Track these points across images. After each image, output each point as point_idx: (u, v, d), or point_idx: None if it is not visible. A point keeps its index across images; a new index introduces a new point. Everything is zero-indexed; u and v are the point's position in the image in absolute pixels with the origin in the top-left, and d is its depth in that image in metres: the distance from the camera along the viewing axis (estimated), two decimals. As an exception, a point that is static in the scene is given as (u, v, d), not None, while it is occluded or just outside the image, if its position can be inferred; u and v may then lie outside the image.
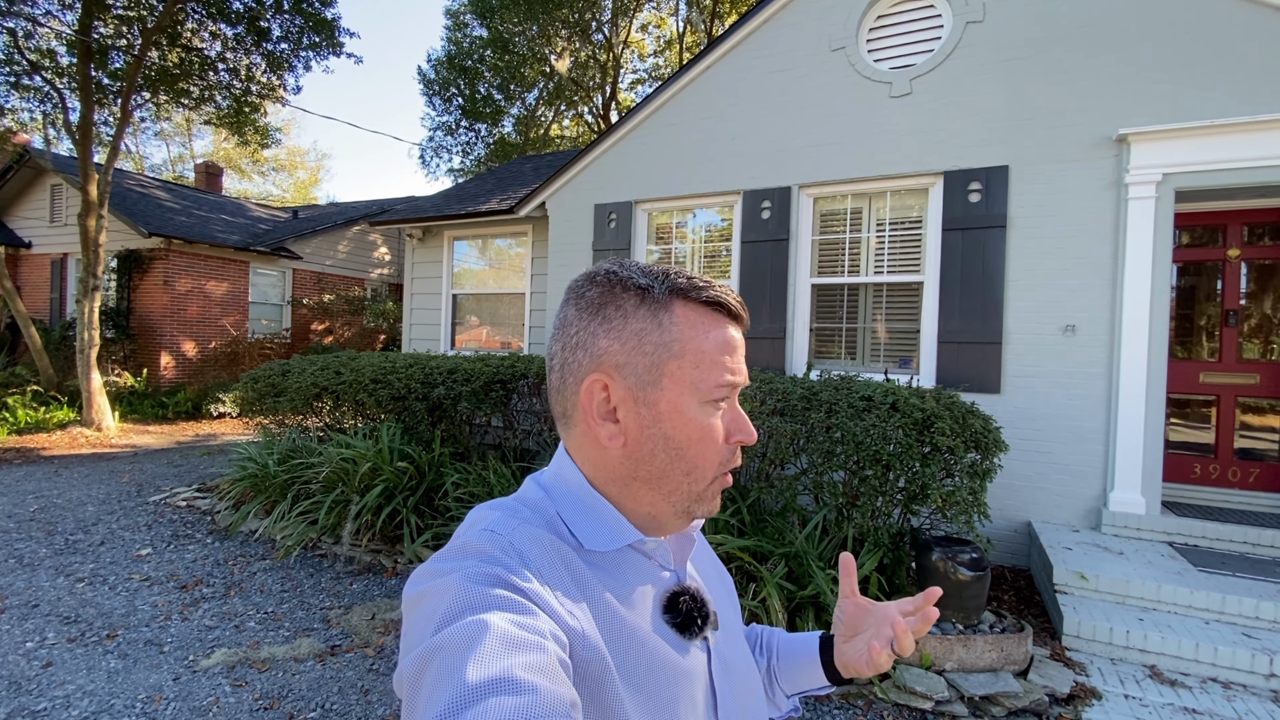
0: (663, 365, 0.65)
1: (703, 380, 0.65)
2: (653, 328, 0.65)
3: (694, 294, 0.67)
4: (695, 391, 0.65)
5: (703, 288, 0.67)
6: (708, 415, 0.66)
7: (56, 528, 5.13)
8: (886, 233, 5.29)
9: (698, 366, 0.65)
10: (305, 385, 5.78)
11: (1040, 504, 4.58)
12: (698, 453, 0.66)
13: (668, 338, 0.65)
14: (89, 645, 3.32)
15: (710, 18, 19.40)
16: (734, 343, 0.68)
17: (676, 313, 0.66)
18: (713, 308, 0.67)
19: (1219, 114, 4.17)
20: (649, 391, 0.65)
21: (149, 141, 32.30)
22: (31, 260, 13.78)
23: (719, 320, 0.68)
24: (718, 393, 0.66)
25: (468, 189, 9.75)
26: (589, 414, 0.66)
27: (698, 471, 0.66)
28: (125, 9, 9.47)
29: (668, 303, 0.66)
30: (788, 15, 5.59)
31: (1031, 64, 4.70)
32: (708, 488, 0.68)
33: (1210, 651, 3.10)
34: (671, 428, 0.65)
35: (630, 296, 0.66)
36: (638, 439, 0.66)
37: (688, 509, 0.68)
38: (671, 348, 0.65)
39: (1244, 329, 4.95)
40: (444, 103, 21.63)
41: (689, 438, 0.65)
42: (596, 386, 0.66)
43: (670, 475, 0.66)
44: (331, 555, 4.64)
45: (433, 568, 0.59)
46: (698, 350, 0.65)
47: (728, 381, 0.66)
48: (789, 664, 0.92)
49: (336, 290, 14.28)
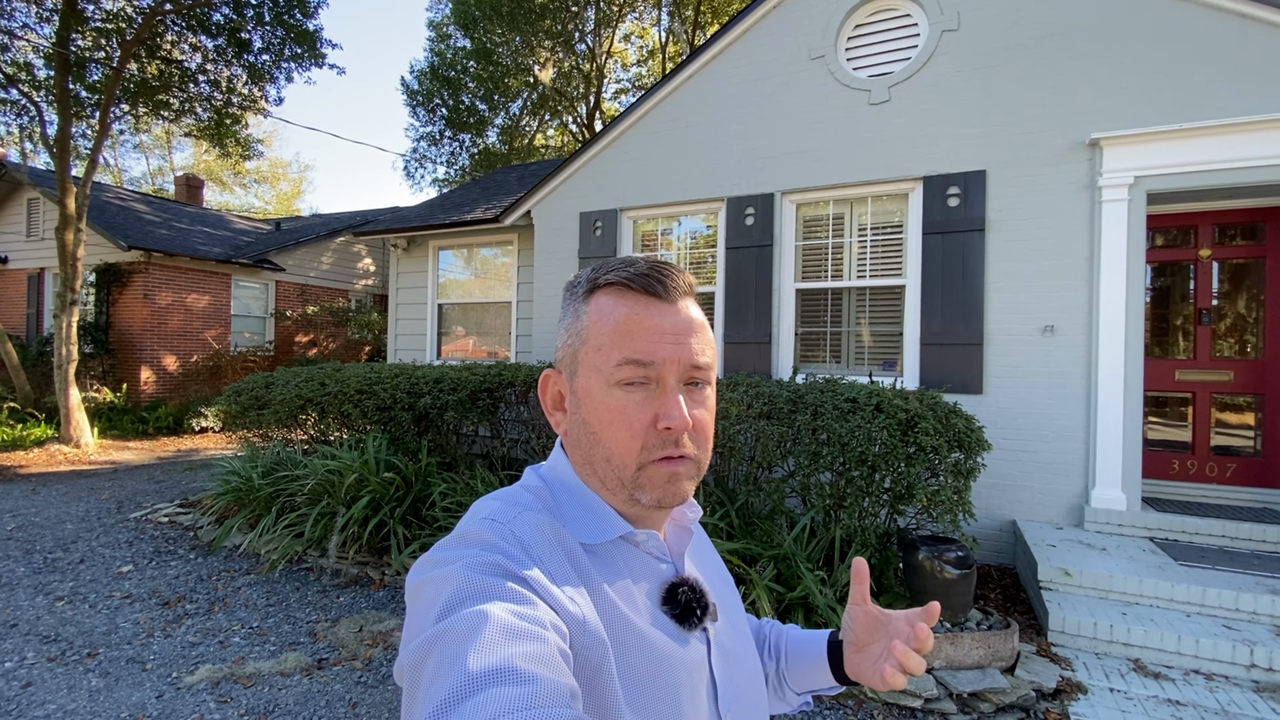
0: (577, 354, 0.68)
1: (602, 362, 0.65)
2: (573, 320, 0.70)
3: (604, 280, 0.68)
4: (598, 374, 0.66)
5: (614, 269, 0.68)
6: (614, 398, 0.64)
7: (35, 546, 5.03)
8: (869, 237, 5.36)
9: (599, 349, 0.66)
10: (290, 398, 5.72)
11: (1024, 502, 4.64)
12: (610, 436, 0.65)
13: (580, 326, 0.69)
14: (69, 664, 3.26)
15: (692, 28, 19.59)
16: (643, 321, 0.65)
17: (591, 302, 0.69)
18: (623, 289, 0.67)
19: (1188, 118, 4.28)
20: (574, 380, 0.69)
21: (128, 154, 32.01)
22: (8, 275, 13.55)
23: (629, 301, 0.66)
24: (618, 374, 0.64)
25: (452, 199, 9.74)
26: (545, 405, 0.73)
27: (616, 456, 0.65)
28: (103, 21, 9.40)
29: (587, 294, 0.70)
30: (768, 24, 5.67)
31: (1006, 71, 4.80)
32: (638, 473, 0.65)
33: (1192, 644, 3.15)
34: (588, 413, 0.67)
35: (569, 295, 0.72)
36: (570, 425, 0.70)
37: (630, 496, 0.66)
38: (581, 334, 0.68)
39: (1218, 327, 5.06)
40: (428, 113, 21.62)
41: (600, 421, 0.65)
42: (548, 381, 0.73)
43: (595, 460, 0.67)
44: (318, 568, 4.59)
45: (435, 556, 0.60)
46: (599, 333, 0.66)
47: (627, 359, 0.64)
48: (798, 665, 0.90)
49: (320, 302, 14.17)
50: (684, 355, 0.65)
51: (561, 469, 0.72)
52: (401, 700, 0.53)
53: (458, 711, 0.44)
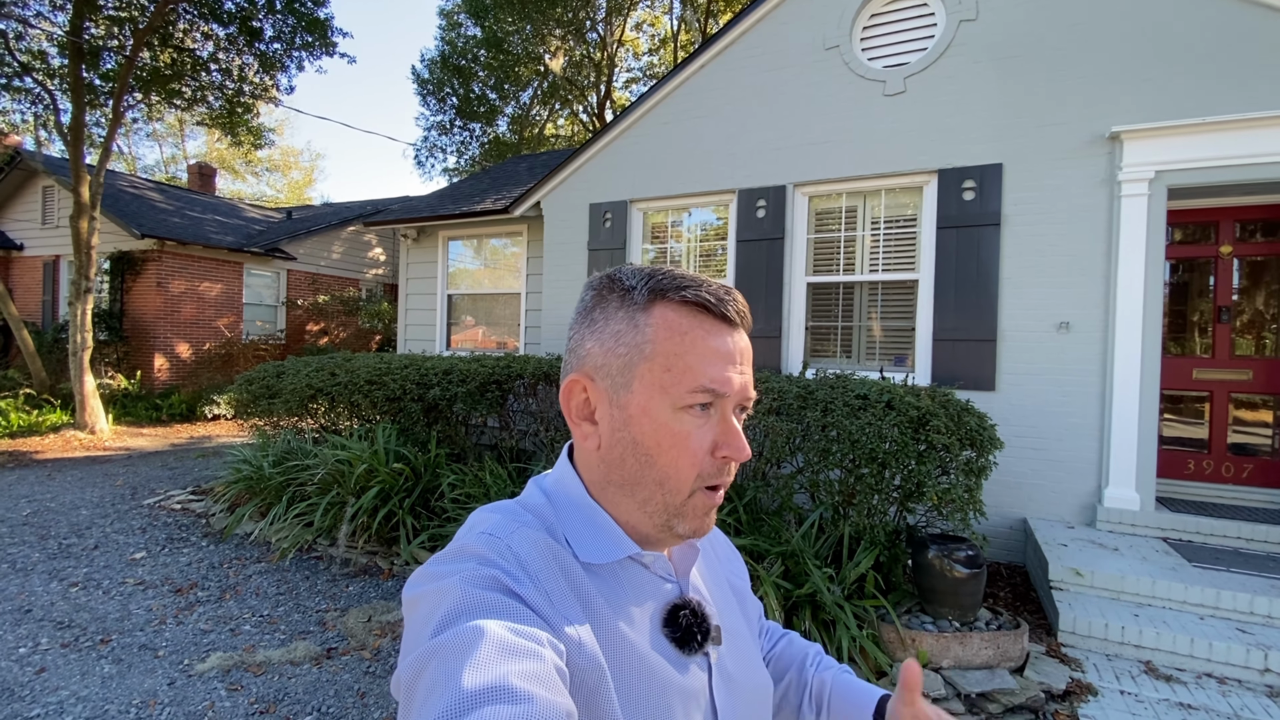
0: (634, 367, 0.63)
1: (673, 384, 0.62)
2: (629, 329, 0.64)
3: (674, 294, 0.64)
4: (665, 395, 0.62)
5: (685, 286, 0.64)
6: (680, 422, 0.62)
7: (50, 532, 5.10)
8: (881, 231, 5.29)
9: (668, 370, 0.62)
10: (300, 387, 5.75)
11: (1036, 501, 4.60)
12: (669, 461, 0.62)
13: (640, 339, 0.63)
14: (83, 650, 3.30)
15: (705, 16, 19.40)
16: (718, 348, 0.63)
17: (654, 314, 0.64)
18: (694, 308, 0.64)
19: (1211, 112, 4.19)
20: (621, 394, 0.64)
21: (141, 143, 32.21)
22: (23, 262, 13.70)
23: (702, 322, 0.64)
24: (691, 399, 0.62)
25: (462, 189, 9.72)
26: (569, 413, 0.67)
27: (670, 482, 0.63)
28: (116, 10, 9.41)
29: (647, 304, 0.64)
30: (781, 14, 5.59)
31: (1024, 62, 4.71)
32: (686, 501, 0.64)
33: (1205, 647, 3.12)
34: (640, 432, 0.63)
35: (614, 299, 0.66)
36: (610, 441, 0.65)
37: (667, 523, 0.64)
38: (644, 349, 0.63)
39: (1237, 325, 4.97)
40: (438, 102, 21.59)
41: (658, 444, 0.62)
42: (576, 388, 0.67)
43: (642, 483, 0.64)
44: (327, 557, 4.63)
45: (431, 570, 0.59)
46: (669, 353, 0.62)
47: (703, 387, 0.62)
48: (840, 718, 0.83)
49: (331, 291, 14.23)
50: (745, 385, 0.65)
51: (569, 484, 0.69)
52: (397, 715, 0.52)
53: None
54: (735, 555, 0.89)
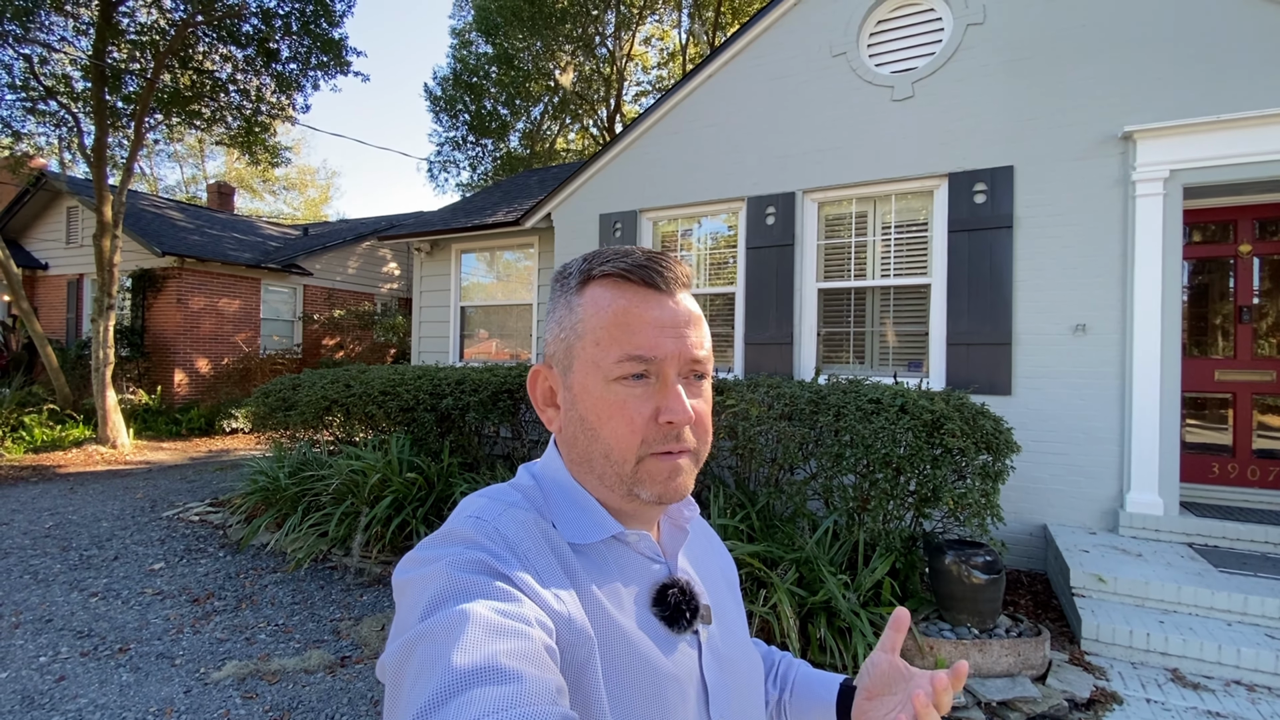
0: (572, 348, 0.66)
1: (603, 357, 0.63)
2: (567, 313, 0.67)
3: (598, 270, 0.65)
4: (596, 369, 0.63)
5: (609, 260, 0.65)
6: (614, 393, 0.63)
7: (71, 543, 5.17)
8: (892, 236, 5.27)
9: (597, 344, 0.64)
10: (316, 399, 5.81)
11: (1055, 506, 4.52)
12: (609, 432, 0.63)
13: (574, 319, 0.66)
14: (101, 659, 3.34)
15: (712, 29, 19.54)
16: (644, 315, 0.63)
17: (585, 294, 0.66)
18: (618, 280, 0.65)
19: (1225, 109, 4.14)
20: (567, 375, 0.67)
21: (163, 164, 32.90)
22: (48, 281, 14.01)
23: (626, 293, 0.64)
24: (620, 369, 0.62)
25: (474, 203, 9.83)
26: (535, 402, 0.71)
27: (615, 453, 0.63)
28: (138, 34, 9.66)
29: (579, 286, 0.67)
30: (788, 22, 5.62)
31: (1033, 64, 4.69)
32: (637, 467, 0.63)
33: (1233, 654, 3.03)
34: (585, 408, 0.65)
35: (559, 287, 0.70)
36: (564, 421, 0.68)
37: (629, 492, 0.64)
38: (577, 329, 0.66)
39: (1260, 326, 4.88)
40: (451, 119, 21.88)
41: (598, 416, 0.63)
42: (538, 377, 0.71)
43: (592, 457, 0.65)
44: (342, 567, 4.65)
45: (419, 555, 0.59)
46: (596, 327, 0.64)
47: (629, 355, 0.62)
48: (803, 703, 0.85)
49: (347, 306, 14.40)
50: (684, 349, 0.64)
51: (554, 467, 0.70)
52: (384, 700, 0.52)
53: (442, 712, 0.43)
54: (726, 553, 0.88)
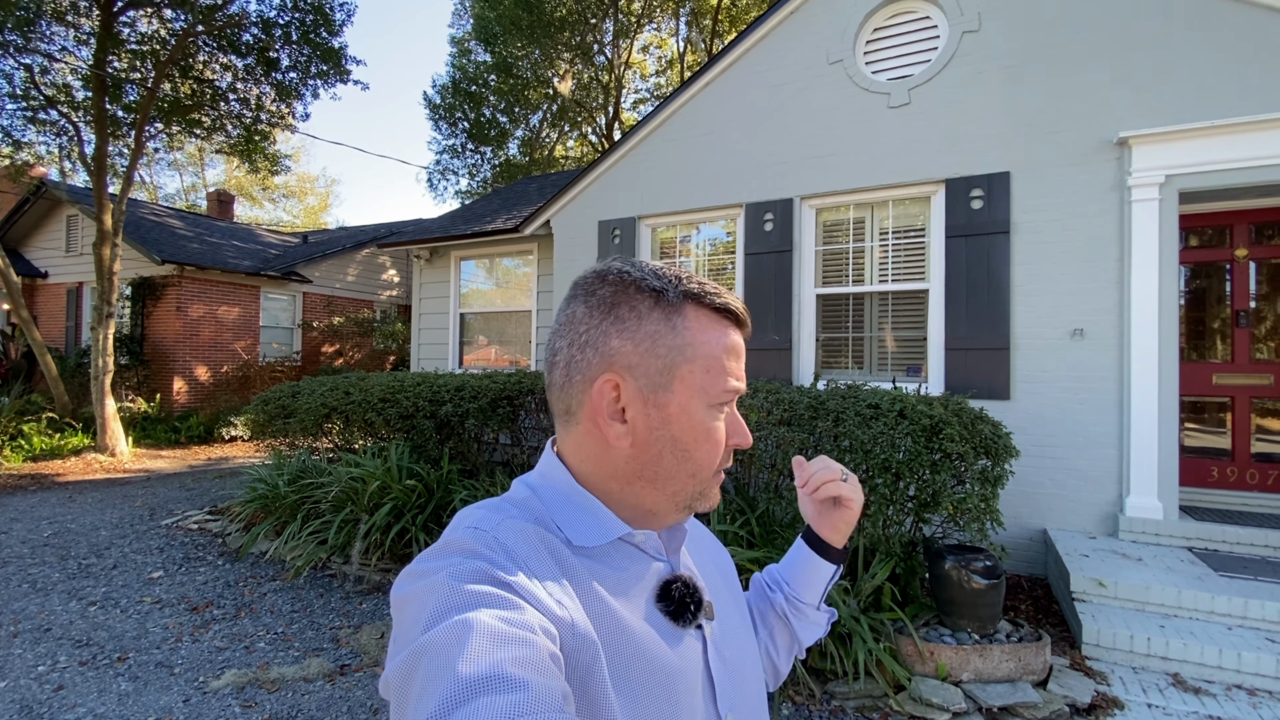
0: (675, 369, 0.65)
1: (712, 385, 0.66)
2: (666, 331, 0.66)
3: (705, 299, 0.68)
4: (704, 396, 0.66)
5: (714, 293, 0.69)
6: (713, 419, 0.67)
7: (70, 552, 5.16)
8: (890, 241, 5.29)
9: (708, 372, 0.66)
10: (315, 406, 5.81)
11: (1055, 511, 4.52)
12: (703, 454, 0.67)
13: (680, 341, 0.66)
14: (100, 668, 3.32)
15: (710, 37, 19.66)
16: (739, 349, 0.70)
17: (689, 317, 0.67)
18: (722, 314, 0.69)
19: (1219, 115, 4.17)
20: (659, 394, 0.65)
21: (163, 172, 33.00)
22: (48, 290, 14.02)
23: (727, 326, 0.69)
24: (724, 397, 0.67)
25: (474, 210, 9.85)
26: (599, 413, 0.65)
27: (702, 472, 0.68)
28: (139, 43, 9.71)
29: (681, 307, 0.66)
30: (785, 30, 5.66)
31: (1029, 70, 4.72)
32: (707, 484, 0.70)
33: (1234, 658, 3.03)
34: (680, 430, 0.66)
35: (644, 298, 0.66)
36: (645, 440, 0.66)
37: (689, 504, 0.70)
38: (685, 352, 0.66)
39: (1257, 330, 4.89)
40: (450, 126, 21.97)
41: (696, 440, 0.67)
42: (608, 386, 0.65)
43: (676, 476, 0.67)
44: (341, 575, 4.64)
45: (418, 567, 0.58)
46: (709, 355, 0.66)
47: (733, 387, 0.68)
48: (794, 573, 0.95)
49: (346, 313, 14.41)
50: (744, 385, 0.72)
51: (557, 476, 0.70)
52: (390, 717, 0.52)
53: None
54: (720, 547, 0.90)
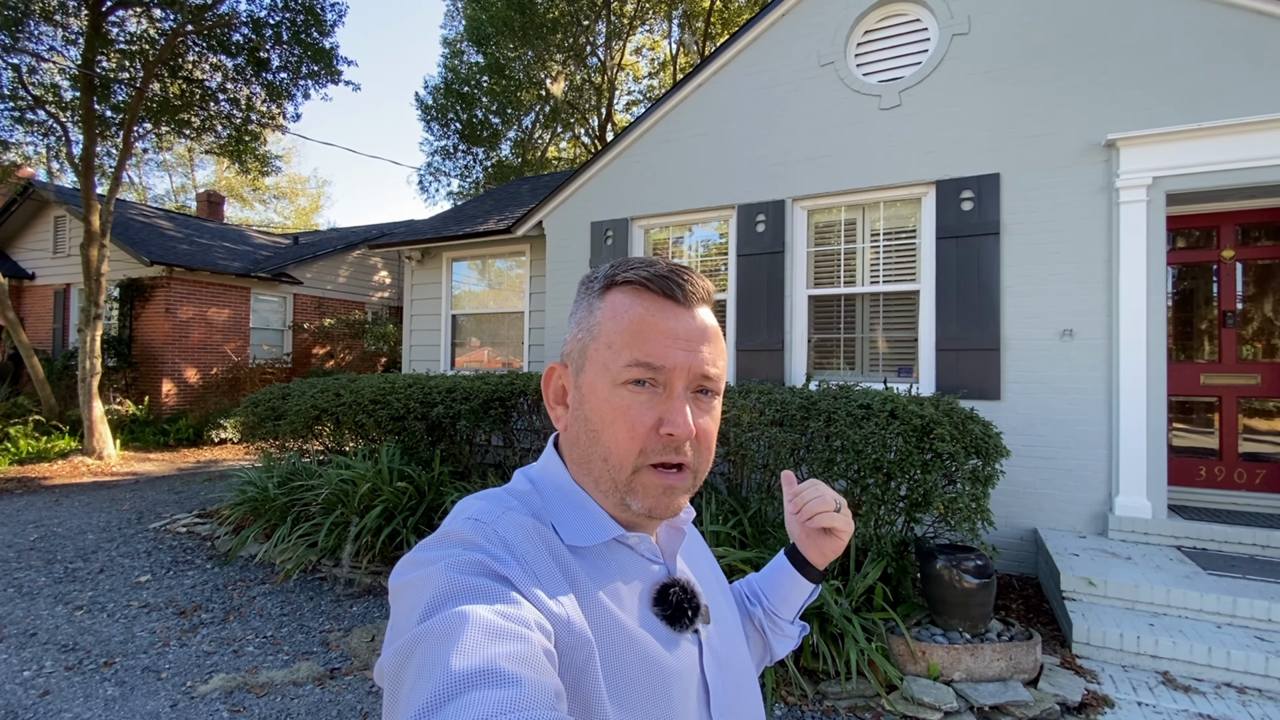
0: (587, 349, 0.67)
1: (612, 361, 0.64)
2: (586, 314, 0.69)
3: (621, 275, 0.67)
4: (606, 372, 0.65)
5: (633, 268, 0.67)
6: (619, 397, 0.63)
7: (56, 556, 5.10)
8: (881, 243, 5.31)
9: (609, 347, 0.65)
10: (305, 408, 5.77)
11: (1046, 510, 4.54)
12: (610, 436, 0.64)
13: (592, 321, 0.68)
14: (86, 673, 3.28)
15: (703, 39, 19.70)
16: (660, 324, 0.64)
17: (607, 298, 0.68)
18: (641, 289, 0.66)
19: (1207, 116, 4.21)
20: (580, 376, 0.68)
21: (152, 173, 32.76)
22: (35, 291, 13.87)
23: (646, 302, 0.65)
24: (627, 373, 0.63)
25: (466, 211, 9.82)
26: (547, 399, 0.71)
27: (613, 457, 0.64)
28: (128, 43, 9.64)
29: (602, 290, 0.69)
30: (776, 32, 5.67)
31: (1018, 73, 4.75)
32: (631, 477, 0.64)
33: (1223, 656, 3.05)
34: (589, 409, 0.66)
35: (583, 289, 0.71)
36: (570, 420, 0.69)
37: (621, 501, 0.65)
38: (593, 330, 0.67)
39: (1244, 330, 4.94)
40: (442, 128, 21.92)
41: (601, 419, 0.64)
42: (553, 374, 0.72)
43: (591, 459, 0.66)
44: (331, 578, 4.61)
45: (417, 557, 0.58)
46: (610, 331, 0.65)
47: (637, 361, 0.63)
48: (773, 587, 0.95)
49: (337, 314, 14.33)
50: (694, 363, 0.65)
51: (553, 469, 0.70)
52: (383, 703, 0.52)
53: (440, 715, 0.43)
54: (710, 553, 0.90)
